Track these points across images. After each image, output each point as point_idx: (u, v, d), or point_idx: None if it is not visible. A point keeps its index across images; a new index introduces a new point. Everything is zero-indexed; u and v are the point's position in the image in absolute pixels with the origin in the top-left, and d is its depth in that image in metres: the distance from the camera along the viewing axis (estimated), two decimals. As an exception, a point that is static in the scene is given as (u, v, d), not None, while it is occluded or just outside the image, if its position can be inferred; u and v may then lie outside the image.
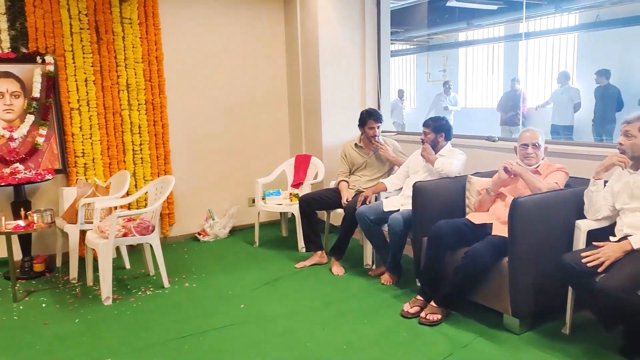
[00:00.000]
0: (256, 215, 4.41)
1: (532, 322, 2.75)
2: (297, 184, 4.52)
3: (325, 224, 4.26)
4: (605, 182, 2.69)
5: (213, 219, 4.71)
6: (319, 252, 3.90)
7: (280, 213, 4.69)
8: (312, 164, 4.60)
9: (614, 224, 2.63)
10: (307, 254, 3.97)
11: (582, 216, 2.74)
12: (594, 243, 2.50)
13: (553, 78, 9.28)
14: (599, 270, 2.32)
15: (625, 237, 2.46)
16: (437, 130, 3.56)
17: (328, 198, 3.98)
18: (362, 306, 3.11)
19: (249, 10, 4.82)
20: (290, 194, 4.33)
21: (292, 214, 4.27)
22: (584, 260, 2.36)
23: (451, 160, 3.43)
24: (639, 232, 2.41)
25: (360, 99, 4.88)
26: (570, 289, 2.64)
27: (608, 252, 2.37)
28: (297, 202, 4.04)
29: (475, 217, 3.05)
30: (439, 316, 2.84)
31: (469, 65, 11.32)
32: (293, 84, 5.02)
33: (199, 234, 4.71)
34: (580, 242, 2.63)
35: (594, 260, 2.35)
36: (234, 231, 4.85)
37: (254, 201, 4.64)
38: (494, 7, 8.26)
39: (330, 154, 4.63)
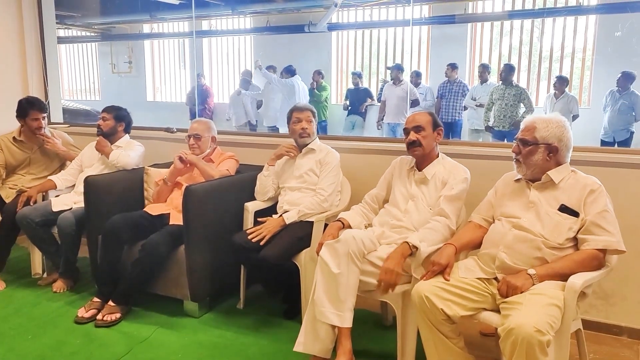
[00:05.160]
0: None
1: (210, 304, 2.88)
2: None
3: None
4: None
5: None
6: (-30, 268, 3.24)
7: None
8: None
9: (276, 204, 2.97)
10: (-46, 272, 3.26)
11: (252, 198, 3.00)
12: (259, 219, 2.77)
13: (238, 75, 10.00)
14: (261, 243, 2.57)
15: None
16: (119, 118, 3.39)
17: (-20, 202, 3.34)
18: (26, 321, 2.71)
19: None
20: None
21: None
22: (249, 237, 2.59)
23: (127, 152, 3.30)
24: (296, 208, 2.76)
25: (22, 86, 4.26)
26: (242, 266, 2.86)
27: (269, 227, 2.65)
28: None
29: (153, 209, 3.01)
30: (118, 315, 2.70)
31: (156, 58, 11.19)
32: None
33: None
34: (249, 222, 2.87)
35: (257, 235, 2.59)
36: None
37: None
38: (176, 2, 8.36)
39: (-17, 150, 3.89)
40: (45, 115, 3.53)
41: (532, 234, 1.95)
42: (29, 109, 3.46)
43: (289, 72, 7.67)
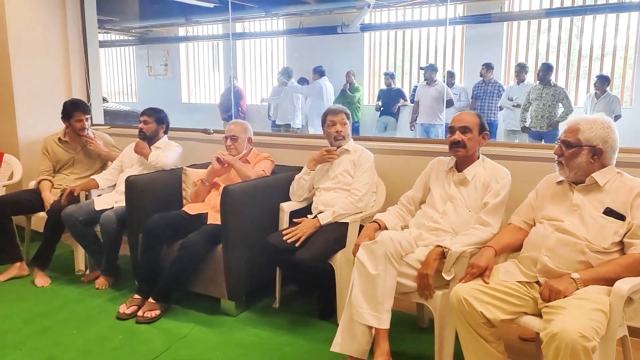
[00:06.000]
0: None
1: (246, 303, 2.91)
2: (-15, 187, 3.81)
3: (25, 231, 3.70)
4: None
5: None
6: (18, 264, 3.36)
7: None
8: (6, 162, 3.93)
9: (311, 204, 2.98)
10: (3, 268, 3.38)
11: (287, 199, 3.02)
12: (294, 220, 2.78)
13: (270, 76, 10.10)
14: (296, 245, 2.58)
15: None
16: (159, 121, 3.47)
17: (27, 200, 3.46)
18: (71, 316, 2.81)
19: None
20: (-24, 199, 3.61)
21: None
22: (284, 238, 2.61)
23: (166, 153, 3.37)
24: (330, 208, 2.77)
25: (66, 89, 4.40)
26: (277, 266, 2.88)
27: (304, 228, 2.66)
28: (-15, 208, 3.40)
29: (191, 208, 3.07)
30: (158, 312, 2.77)
31: (191, 61, 11.39)
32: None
33: None
34: (284, 222, 2.89)
35: (293, 237, 2.61)
36: None
37: None
38: (211, 5, 8.48)
39: (30, 151, 4.05)
40: (88, 116, 3.64)
41: (576, 237, 1.90)
42: (73, 110, 3.58)
43: (318, 72, 7.71)
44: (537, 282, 1.95)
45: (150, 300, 2.80)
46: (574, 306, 1.71)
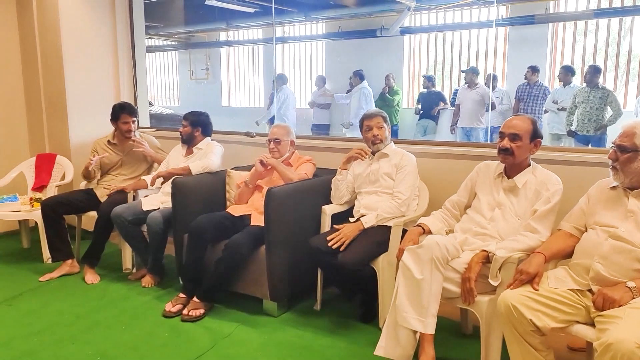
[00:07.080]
0: (-14, 227, 3.74)
1: (288, 304, 2.94)
2: (39, 187, 3.98)
3: (76, 230, 3.84)
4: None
5: None
6: (69, 261, 3.50)
7: (20, 221, 4.07)
8: (58, 163, 4.10)
9: (352, 207, 2.98)
10: (55, 265, 3.53)
11: (328, 202, 3.03)
12: (335, 226, 2.77)
13: (310, 80, 10.15)
14: (341, 249, 2.59)
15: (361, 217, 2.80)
16: (194, 124, 3.55)
17: (78, 200, 3.60)
18: (119, 313, 2.90)
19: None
20: (31, 198, 3.78)
21: (35, 222, 3.74)
22: (330, 244, 2.60)
23: (208, 157, 3.43)
24: (373, 212, 2.76)
25: (115, 93, 4.55)
26: (319, 268, 2.89)
27: (347, 232, 2.66)
28: (40, 207, 3.55)
29: (235, 210, 3.12)
30: (202, 311, 2.82)
31: (231, 65, 11.57)
32: (30, 75, 4.40)
33: None
34: (326, 225, 2.90)
35: (337, 242, 2.61)
36: (-44, 248, 4.02)
37: (-17, 210, 3.92)
38: (251, 10, 8.61)
39: (80, 153, 4.20)
40: (135, 119, 3.74)
41: (632, 244, 1.84)
42: (120, 112, 3.70)
43: (359, 76, 7.71)
44: (590, 290, 1.90)
45: (195, 299, 2.86)
46: (630, 316, 1.66)
